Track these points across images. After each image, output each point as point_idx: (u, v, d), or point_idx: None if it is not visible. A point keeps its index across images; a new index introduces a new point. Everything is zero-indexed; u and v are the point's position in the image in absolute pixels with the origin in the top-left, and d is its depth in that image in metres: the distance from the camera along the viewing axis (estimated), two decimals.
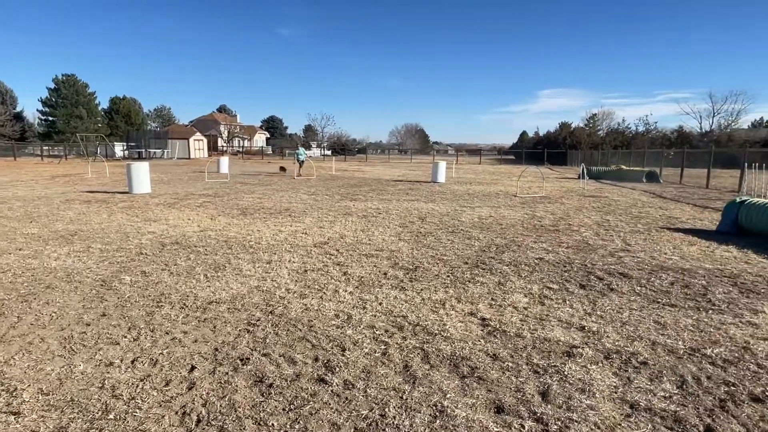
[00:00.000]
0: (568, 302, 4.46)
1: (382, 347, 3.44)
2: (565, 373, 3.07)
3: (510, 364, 3.18)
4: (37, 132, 60.29)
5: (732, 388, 2.90)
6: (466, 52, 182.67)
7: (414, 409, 2.63)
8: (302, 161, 23.32)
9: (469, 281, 5.11)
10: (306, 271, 5.44)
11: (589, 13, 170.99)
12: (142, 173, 13.84)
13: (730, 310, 4.26)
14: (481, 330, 3.78)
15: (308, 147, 74.76)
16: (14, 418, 2.53)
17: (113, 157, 43.02)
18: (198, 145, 54.50)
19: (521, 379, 2.98)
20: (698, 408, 2.68)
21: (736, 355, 3.36)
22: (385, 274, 5.37)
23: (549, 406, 2.67)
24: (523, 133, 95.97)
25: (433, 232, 8.02)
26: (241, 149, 67.82)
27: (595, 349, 3.43)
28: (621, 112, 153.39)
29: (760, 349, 3.45)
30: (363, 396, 2.77)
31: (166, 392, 2.80)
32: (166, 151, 48.74)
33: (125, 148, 48.20)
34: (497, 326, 3.84)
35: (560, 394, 2.81)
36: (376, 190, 16.09)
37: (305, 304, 4.32)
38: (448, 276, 5.30)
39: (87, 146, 44.67)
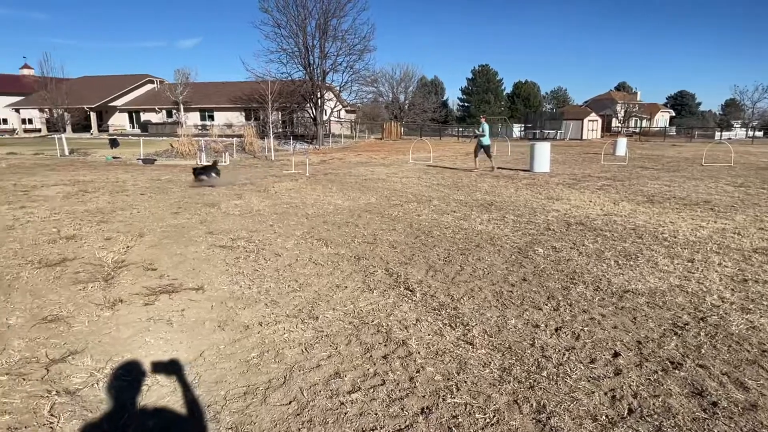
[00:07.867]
0: None
1: None
2: None
3: None
4: (455, 116, 73.29)
5: None
6: None
7: None
8: (486, 145, 14.68)
9: None
10: (746, 280, 4.43)
11: None
12: (543, 153, 14.66)
13: None
14: None
15: (728, 127, 60.76)
16: (470, 348, 3.13)
17: (512, 138, 47.53)
18: (591, 126, 53.30)
19: None
20: None
21: None
22: None
23: None
24: None
25: None
26: (637, 130, 62.17)
27: None
28: None
29: None
30: None
31: (593, 369, 2.85)
32: (559, 131, 50.09)
33: (522, 129, 52.38)
34: None
35: None
36: None
37: (751, 321, 3.52)
38: None
39: (492, 127, 51.20)
